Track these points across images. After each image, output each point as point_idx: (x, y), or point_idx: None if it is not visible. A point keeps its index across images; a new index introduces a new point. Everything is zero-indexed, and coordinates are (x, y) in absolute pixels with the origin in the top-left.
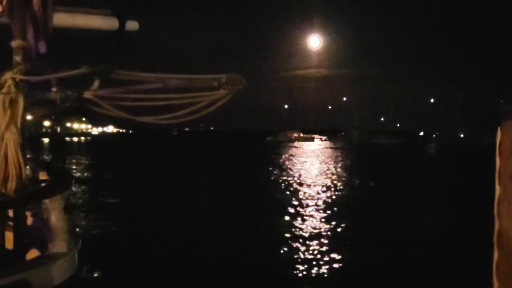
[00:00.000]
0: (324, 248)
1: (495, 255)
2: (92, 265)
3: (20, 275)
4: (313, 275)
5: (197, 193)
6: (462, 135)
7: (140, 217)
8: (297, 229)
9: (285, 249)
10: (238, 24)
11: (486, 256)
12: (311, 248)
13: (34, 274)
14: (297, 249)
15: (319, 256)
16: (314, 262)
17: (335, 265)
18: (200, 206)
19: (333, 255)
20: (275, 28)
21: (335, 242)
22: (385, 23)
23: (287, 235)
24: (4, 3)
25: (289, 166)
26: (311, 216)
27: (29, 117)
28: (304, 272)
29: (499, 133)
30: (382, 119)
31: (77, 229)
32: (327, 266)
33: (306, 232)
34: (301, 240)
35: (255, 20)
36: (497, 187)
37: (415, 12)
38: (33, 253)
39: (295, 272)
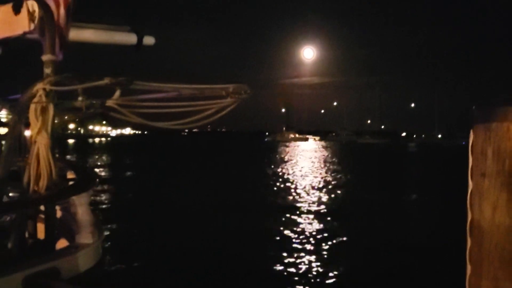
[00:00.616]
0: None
1: (468, 242)
2: (113, 254)
3: (50, 263)
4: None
5: (203, 186)
6: (439, 136)
7: (152, 209)
8: (289, 219)
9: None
10: (241, 38)
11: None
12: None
13: (63, 262)
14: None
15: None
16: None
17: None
18: (205, 199)
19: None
20: (273, 41)
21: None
22: (371, 37)
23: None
24: (36, 21)
25: (285, 163)
26: (301, 206)
27: (57, 121)
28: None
29: (471, 135)
30: (369, 121)
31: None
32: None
33: (296, 223)
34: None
35: (255, 35)
36: (470, 182)
37: (398, 26)
38: (62, 243)
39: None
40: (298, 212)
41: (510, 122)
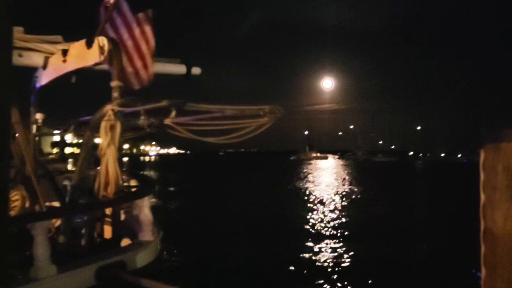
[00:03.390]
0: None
1: (482, 249)
2: (168, 250)
3: (118, 257)
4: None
5: (241, 197)
6: (442, 154)
7: (195, 214)
8: (310, 224)
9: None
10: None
11: (474, 250)
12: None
13: (128, 256)
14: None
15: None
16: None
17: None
18: (243, 207)
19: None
20: (298, 73)
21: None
22: (382, 68)
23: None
24: (105, 53)
25: (309, 177)
26: (323, 212)
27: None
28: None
29: (482, 153)
30: (381, 142)
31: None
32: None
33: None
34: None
35: (282, 68)
36: (482, 195)
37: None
38: (125, 242)
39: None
40: (323, 217)
41: None
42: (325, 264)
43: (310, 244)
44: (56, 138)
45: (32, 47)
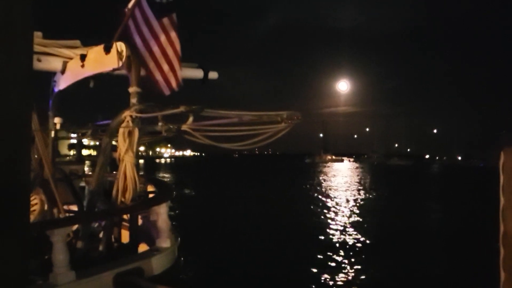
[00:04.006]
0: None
1: (501, 252)
2: (186, 256)
3: (136, 263)
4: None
5: (252, 199)
6: (459, 158)
7: (212, 219)
8: (325, 223)
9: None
10: (285, 75)
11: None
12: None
13: (146, 263)
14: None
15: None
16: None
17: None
18: (254, 207)
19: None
20: (313, 75)
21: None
22: (398, 71)
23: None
24: (124, 59)
25: (324, 180)
26: (337, 213)
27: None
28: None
29: (502, 156)
30: (396, 145)
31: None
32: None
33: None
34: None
35: (298, 71)
36: (501, 198)
37: (423, 61)
38: (142, 247)
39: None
40: (339, 218)
41: None
42: (338, 270)
43: (323, 250)
44: (73, 140)
45: (51, 51)
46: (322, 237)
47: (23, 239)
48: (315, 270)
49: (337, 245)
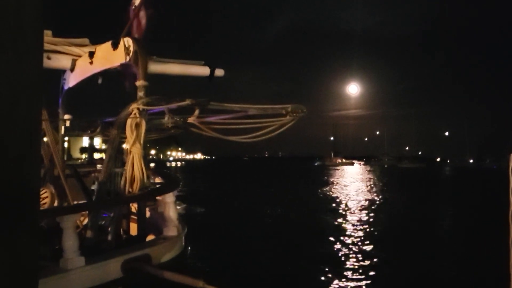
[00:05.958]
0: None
1: (511, 254)
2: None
3: (144, 250)
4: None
5: (262, 201)
6: (471, 161)
7: (220, 213)
8: (335, 226)
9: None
10: (295, 77)
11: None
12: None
13: (154, 251)
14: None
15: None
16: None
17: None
18: (263, 209)
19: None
20: (323, 78)
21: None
22: (409, 73)
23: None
24: (131, 54)
25: (335, 183)
26: (349, 215)
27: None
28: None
29: (511, 159)
30: (407, 147)
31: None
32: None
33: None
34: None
35: (308, 73)
36: (511, 201)
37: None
38: (150, 238)
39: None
40: (350, 219)
41: None
42: (347, 270)
43: (334, 250)
44: (85, 144)
45: (60, 50)
46: (332, 238)
47: (33, 226)
48: (325, 268)
49: (349, 246)
